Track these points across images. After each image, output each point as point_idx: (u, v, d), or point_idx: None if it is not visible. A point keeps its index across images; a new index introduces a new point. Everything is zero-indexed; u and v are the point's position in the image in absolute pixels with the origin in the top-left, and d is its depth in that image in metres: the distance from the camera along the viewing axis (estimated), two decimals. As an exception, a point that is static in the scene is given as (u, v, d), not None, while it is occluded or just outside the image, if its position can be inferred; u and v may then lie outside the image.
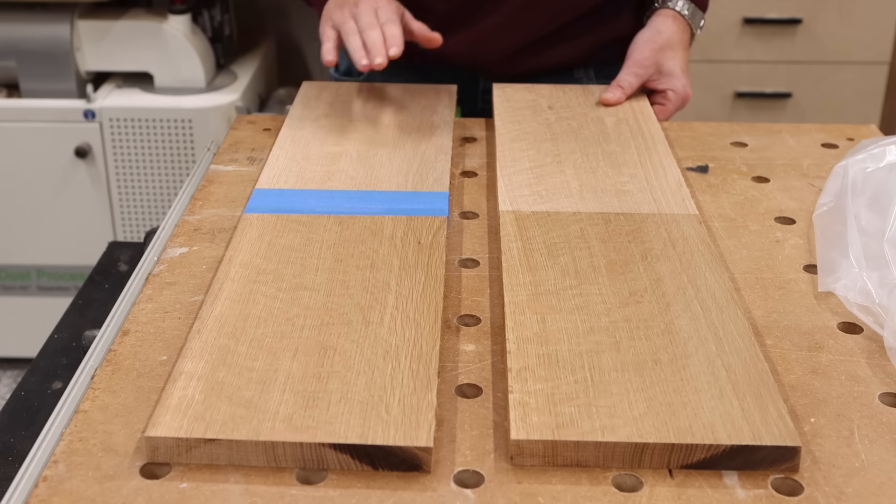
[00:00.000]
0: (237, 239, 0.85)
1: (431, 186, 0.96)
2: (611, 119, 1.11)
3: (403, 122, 1.10)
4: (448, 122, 1.11)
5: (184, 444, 0.62)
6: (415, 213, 0.90)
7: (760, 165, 1.06)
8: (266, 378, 0.67)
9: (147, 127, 1.99)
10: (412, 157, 1.02)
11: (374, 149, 1.04)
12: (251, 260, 0.82)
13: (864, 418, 0.68)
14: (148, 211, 2.06)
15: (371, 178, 0.97)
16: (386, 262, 0.82)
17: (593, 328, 0.73)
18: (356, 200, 0.93)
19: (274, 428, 0.63)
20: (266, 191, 0.95)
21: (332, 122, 1.11)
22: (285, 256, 0.83)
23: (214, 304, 0.76)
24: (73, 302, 1.02)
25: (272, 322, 0.74)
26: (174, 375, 0.68)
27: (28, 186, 2.03)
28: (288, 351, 0.70)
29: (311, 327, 0.73)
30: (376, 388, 0.66)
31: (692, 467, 0.63)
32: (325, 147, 1.04)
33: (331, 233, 0.86)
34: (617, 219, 0.88)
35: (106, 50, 2.01)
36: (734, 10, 2.35)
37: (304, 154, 1.02)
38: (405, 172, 0.98)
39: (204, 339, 0.72)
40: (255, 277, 0.79)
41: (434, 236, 0.86)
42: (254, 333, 0.72)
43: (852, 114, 2.42)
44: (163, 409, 0.64)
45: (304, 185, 0.96)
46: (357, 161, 1.01)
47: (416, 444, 0.62)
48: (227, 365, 0.69)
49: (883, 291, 0.79)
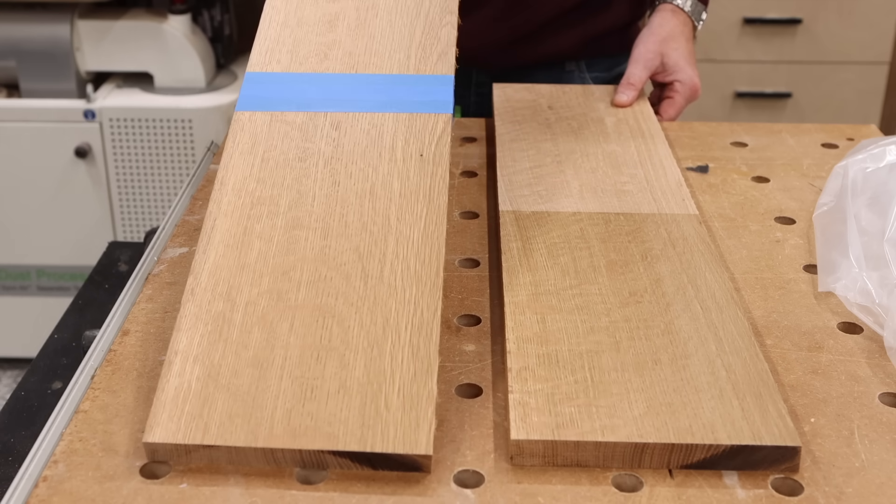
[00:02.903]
0: (229, 150, 0.81)
1: (435, 66, 0.88)
2: (611, 119, 1.10)
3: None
4: None
5: (182, 449, 0.62)
6: (417, 107, 0.84)
7: (760, 165, 1.06)
8: (262, 358, 0.66)
9: (147, 127, 1.99)
10: (415, 19, 0.93)
11: (373, 8, 0.94)
12: (244, 183, 0.78)
13: (864, 418, 0.68)
14: (148, 211, 2.06)
15: (370, 55, 0.89)
16: (386, 184, 0.78)
17: (593, 328, 0.73)
18: (354, 88, 0.85)
19: (272, 432, 0.62)
20: (258, 76, 0.87)
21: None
22: (280, 177, 0.79)
23: (208, 250, 0.73)
24: (73, 302, 1.02)
25: (268, 276, 0.71)
26: (170, 356, 0.67)
27: (28, 186, 2.03)
28: (285, 320, 0.69)
29: (308, 284, 0.71)
30: (376, 371, 0.65)
31: (692, 467, 0.63)
32: (320, 5, 0.95)
33: (327, 141, 0.81)
34: (617, 219, 0.88)
35: (106, 50, 2.01)
36: (734, 10, 2.35)
37: (298, 17, 0.94)
38: (407, 45, 0.90)
39: (198, 302, 0.70)
40: (249, 211, 0.76)
41: (437, 145, 0.81)
42: (249, 294, 0.70)
43: (852, 114, 2.42)
44: (160, 404, 0.64)
45: (298, 66, 0.88)
46: (355, 28, 0.92)
47: (415, 452, 0.61)
48: (223, 340, 0.67)
49: (883, 291, 0.79)
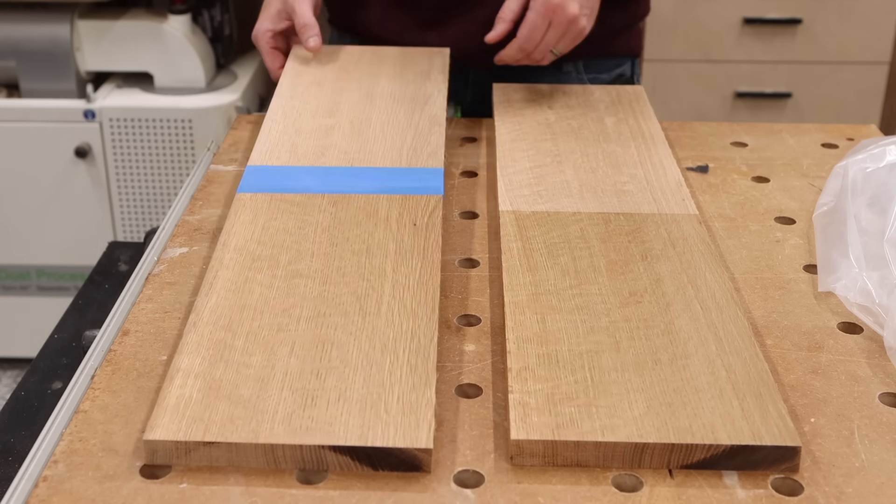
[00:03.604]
0: (231, 221, 0.85)
1: (426, 162, 0.94)
2: (611, 119, 1.10)
3: (397, 91, 1.09)
4: (442, 89, 1.09)
5: (182, 447, 0.62)
6: (410, 191, 0.89)
7: (760, 165, 1.06)
8: (264, 375, 0.67)
9: (147, 127, 1.99)
10: (406, 130, 1.00)
11: (366, 121, 1.02)
12: (245, 245, 0.81)
13: (864, 418, 0.68)
14: (148, 211, 2.06)
15: (365, 153, 0.96)
16: (382, 246, 0.81)
17: (593, 328, 0.73)
18: (350, 178, 0.91)
19: (273, 430, 0.62)
20: (258, 168, 0.93)
21: (324, 91, 1.08)
22: (280, 240, 0.82)
23: (210, 294, 0.75)
24: (73, 302, 1.02)
25: (268, 313, 0.73)
26: (171, 373, 0.67)
27: (28, 186, 2.03)
28: (285, 345, 0.70)
29: (307, 318, 0.73)
30: (374, 384, 0.66)
31: (692, 467, 0.63)
32: (317, 119, 1.02)
33: (325, 214, 0.86)
34: (617, 219, 0.88)
35: (106, 50, 2.01)
36: (734, 10, 2.35)
37: (296, 127, 1.01)
38: (399, 147, 0.97)
39: (200, 332, 0.71)
40: (250, 264, 0.79)
41: (430, 217, 0.85)
42: (250, 326, 0.72)
43: (852, 114, 2.42)
44: (161, 410, 0.64)
45: (298, 161, 0.94)
46: (350, 135, 0.99)
47: (415, 446, 0.61)
48: (224, 361, 0.68)
49: (883, 291, 0.79)
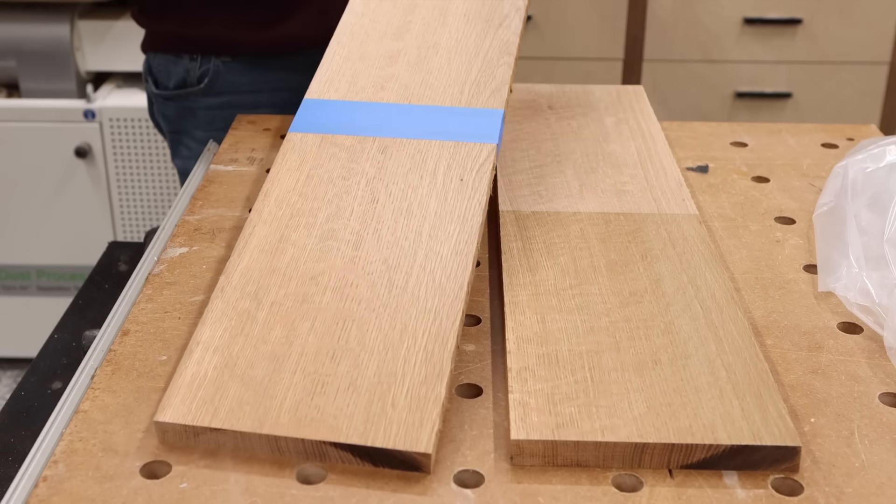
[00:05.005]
0: (277, 166, 0.84)
1: (487, 101, 0.89)
2: (611, 119, 1.11)
3: (471, 9, 1.02)
4: (520, 7, 1.02)
5: (191, 431, 0.64)
6: (464, 137, 0.85)
7: (760, 165, 1.06)
8: (280, 353, 0.68)
9: (147, 127, 1.99)
10: (473, 59, 0.95)
11: (434, 48, 0.97)
12: (286, 197, 0.81)
13: (864, 418, 0.68)
14: (148, 211, 2.06)
15: (425, 88, 0.92)
16: (423, 204, 0.80)
17: (593, 328, 0.73)
18: (404, 117, 0.88)
19: (278, 420, 0.63)
20: (315, 102, 0.90)
21: (396, 6, 1.03)
22: (322, 193, 0.81)
23: (243, 253, 0.76)
24: (73, 302, 1.02)
25: (296, 280, 0.74)
26: (191, 345, 0.69)
27: (28, 186, 2.03)
28: (307, 320, 0.70)
29: (333, 289, 0.73)
30: (386, 373, 0.66)
31: (692, 467, 0.63)
32: (384, 43, 0.98)
33: (372, 163, 0.84)
34: (617, 219, 0.88)
35: (106, 50, 2.01)
36: (734, 10, 2.35)
37: (361, 52, 0.97)
38: (462, 81, 0.92)
39: (227, 299, 0.72)
40: (287, 221, 0.79)
41: (478, 171, 0.83)
42: (276, 295, 0.72)
43: (852, 114, 2.42)
44: (175, 389, 0.66)
45: (355, 95, 0.91)
46: (414, 64, 0.95)
47: (415, 450, 0.61)
48: (244, 335, 0.69)
49: (883, 291, 0.79)
